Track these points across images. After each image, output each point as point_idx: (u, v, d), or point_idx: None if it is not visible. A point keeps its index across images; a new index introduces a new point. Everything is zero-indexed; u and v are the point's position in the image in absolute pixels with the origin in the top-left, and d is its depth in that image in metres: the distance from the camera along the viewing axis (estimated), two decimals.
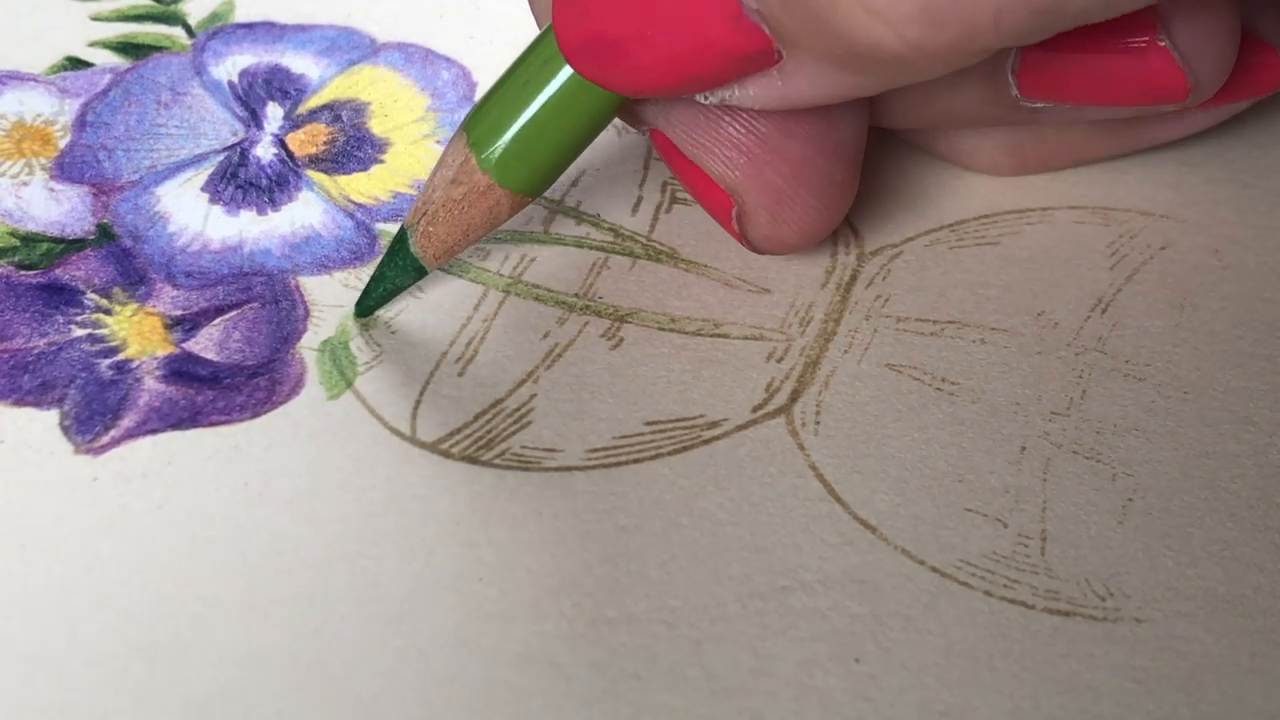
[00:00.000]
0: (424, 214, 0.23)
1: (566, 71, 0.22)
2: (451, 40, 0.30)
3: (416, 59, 0.29)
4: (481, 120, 0.23)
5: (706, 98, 0.21)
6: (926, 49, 0.18)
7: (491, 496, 0.22)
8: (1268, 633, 0.20)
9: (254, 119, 0.28)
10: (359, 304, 0.24)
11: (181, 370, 0.23)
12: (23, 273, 0.25)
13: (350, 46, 0.29)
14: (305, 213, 0.26)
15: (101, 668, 0.20)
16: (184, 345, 0.24)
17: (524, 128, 0.22)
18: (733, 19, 0.19)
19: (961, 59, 0.19)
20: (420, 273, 0.24)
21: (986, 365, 0.24)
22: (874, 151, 0.25)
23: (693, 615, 0.20)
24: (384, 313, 0.24)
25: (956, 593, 0.21)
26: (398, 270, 0.24)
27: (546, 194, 0.26)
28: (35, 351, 0.24)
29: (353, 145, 0.27)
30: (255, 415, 0.23)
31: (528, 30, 0.24)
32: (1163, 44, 0.22)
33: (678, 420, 0.23)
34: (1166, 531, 0.22)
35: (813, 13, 0.19)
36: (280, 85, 0.28)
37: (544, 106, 0.22)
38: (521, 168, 0.23)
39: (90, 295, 0.24)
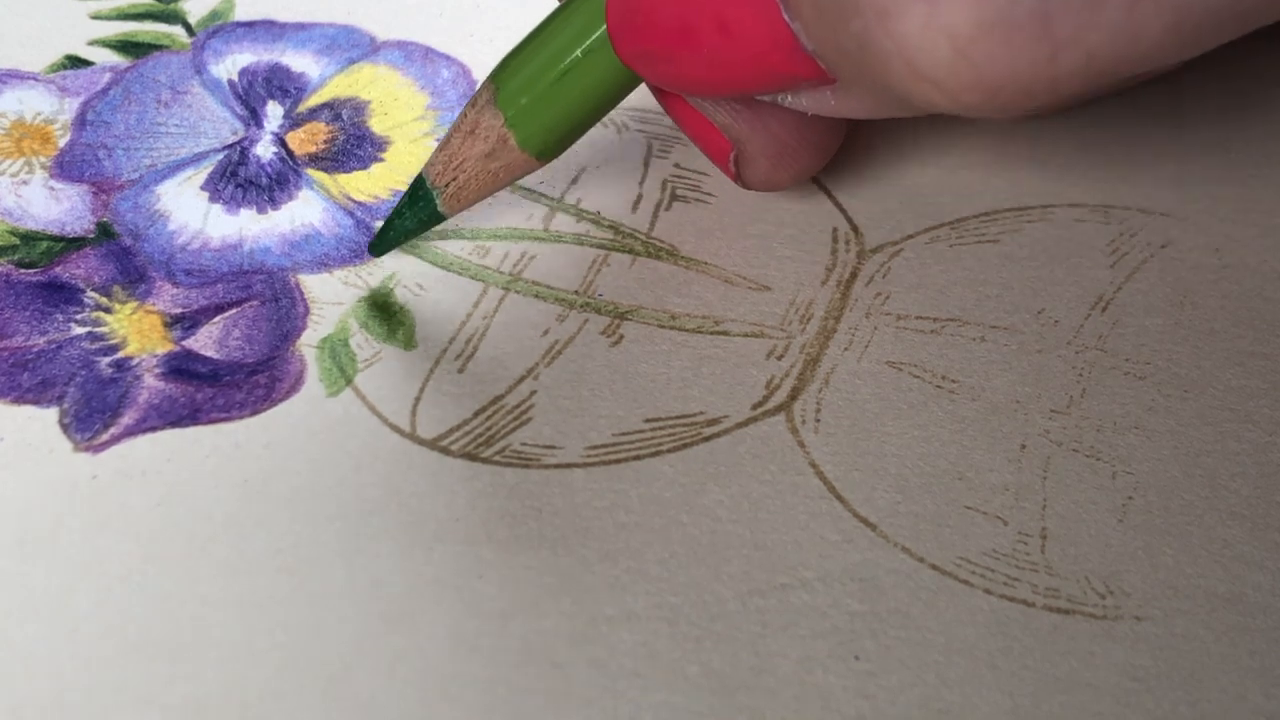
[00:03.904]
0: (453, 179, 0.24)
1: (606, 52, 0.22)
2: (451, 38, 0.30)
3: (416, 57, 0.29)
4: (516, 92, 0.23)
5: (758, 97, 0.22)
6: (981, 111, 0.18)
7: (491, 494, 0.22)
8: (1268, 632, 0.20)
9: (254, 117, 0.28)
10: (374, 246, 0.25)
11: (181, 368, 0.23)
12: (22, 271, 0.25)
13: (350, 45, 0.29)
14: (305, 211, 0.26)
15: (101, 667, 0.20)
16: (184, 343, 0.24)
17: (564, 108, 0.23)
18: (788, 50, 0.19)
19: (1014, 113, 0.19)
20: (440, 220, 0.24)
21: (987, 363, 0.24)
22: (875, 150, 0.25)
23: (693, 613, 0.20)
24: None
25: (957, 590, 0.21)
26: (418, 221, 0.24)
27: (547, 192, 0.26)
28: (35, 349, 0.24)
29: (353, 144, 0.27)
30: (255, 413, 0.23)
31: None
32: None
33: (678, 417, 0.23)
34: (1166, 530, 0.22)
35: (868, 71, 0.18)
36: (280, 84, 0.28)
37: (583, 88, 0.23)
38: (559, 143, 0.23)
39: (90, 293, 0.24)
